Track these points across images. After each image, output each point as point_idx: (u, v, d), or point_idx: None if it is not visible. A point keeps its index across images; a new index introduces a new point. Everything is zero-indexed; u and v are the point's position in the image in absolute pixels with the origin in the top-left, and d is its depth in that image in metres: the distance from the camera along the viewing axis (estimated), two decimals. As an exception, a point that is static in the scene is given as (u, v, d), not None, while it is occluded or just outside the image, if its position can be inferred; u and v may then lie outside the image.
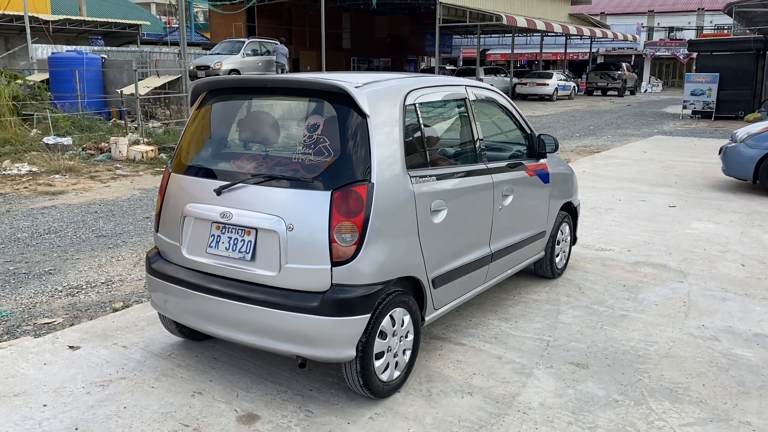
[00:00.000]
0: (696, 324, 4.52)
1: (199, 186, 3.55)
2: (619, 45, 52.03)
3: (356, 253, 3.16)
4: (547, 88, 32.73)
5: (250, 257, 3.31)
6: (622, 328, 4.44)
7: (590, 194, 9.04)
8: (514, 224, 4.57)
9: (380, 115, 3.36)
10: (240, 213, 3.34)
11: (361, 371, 3.26)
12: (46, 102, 16.76)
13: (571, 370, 3.82)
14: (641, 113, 25.56)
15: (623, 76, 37.52)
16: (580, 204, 5.86)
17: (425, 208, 3.54)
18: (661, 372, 3.80)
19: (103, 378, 3.67)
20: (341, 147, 3.25)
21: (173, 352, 4.00)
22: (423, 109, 3.75)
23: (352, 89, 3.25)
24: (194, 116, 3.84)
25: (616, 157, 13.06)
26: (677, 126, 20.22)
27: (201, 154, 3.74)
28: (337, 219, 3.15)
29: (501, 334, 4.31)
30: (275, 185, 3.30)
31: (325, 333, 3.14)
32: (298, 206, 3.22)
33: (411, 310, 3.52)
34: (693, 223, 7.44)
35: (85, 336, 4.24)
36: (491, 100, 4.57)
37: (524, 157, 4.84)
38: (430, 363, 3.88)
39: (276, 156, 3.53)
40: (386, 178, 3.29)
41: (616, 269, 5.73)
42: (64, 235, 7.04)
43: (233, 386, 3.58)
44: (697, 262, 5.96)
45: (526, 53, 53.28)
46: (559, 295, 5.07)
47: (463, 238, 3.95)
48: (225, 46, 22.76)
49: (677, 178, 10.48)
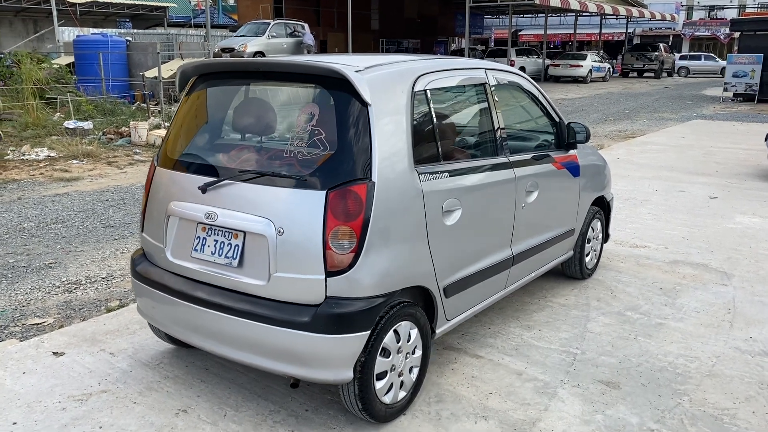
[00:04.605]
0: (743, 336, 4.05)
1: (184, 182, 3.19)
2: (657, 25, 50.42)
3: (354, 261, 2.77)
4: (580, 69, 31.78)
5: (237, 263, 2.95)
6: (659, 339, 3.99)
7: (624, 184, 8.51)
8: (539, 223, 4.14)
9: (384, 104, 2.95)
10: (226, 214, 2.98)
11: (360, 394, 2.88)
12: (70, 85, 16.65)
13: (601, 390, 3.40)
14: (679, 96, 24.59)
15: (660, 57, 36.24)
16: (614, 198, 5.37)
17: (436, 208, 3.13)
18: (704, 395, 3.36)
19: (82, 391, 3.36)
20: (339, 140, 2.86)
21: (162, 361, 3.68)
22: (435, 96, 3.33)
23: (351, 74, 2.84)
24: (182, 104, 3.47)
25: (652, 142, 12.42)
26: (717, 109, 19.33)
27: (188, 146, 3.38)
28: (332, 223, 2.76)
29: (523, 345, 3.90)
30: (264, 183, 2.92)
31: (317, 352, 2.77)
32: (289, 207, 2.83)
33: (419, 324, 3.13)
34: (736, 217, 6.88)
35: (72, 340, 3.94)
36: (515, 84, 4.11)
37: (552, 148, 4.38)
38: (442, 379, 3.49)
39: (268, 149, 3.15)
40: (390, 175, 2.89)
41: (652, 269, 5.25)
42: (71, 224, 6.79)
43: (222, 404, 3.24)
44: (742, 261, 5.45)
45: (560, 34, 51.99)
46: (589, 299, 4.63)
47: (480, 240, 3.54)
48: (250, 28, 22.41)
49: (718, 167, 9.85)
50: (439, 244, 3.16)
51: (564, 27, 49.84)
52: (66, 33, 22.49)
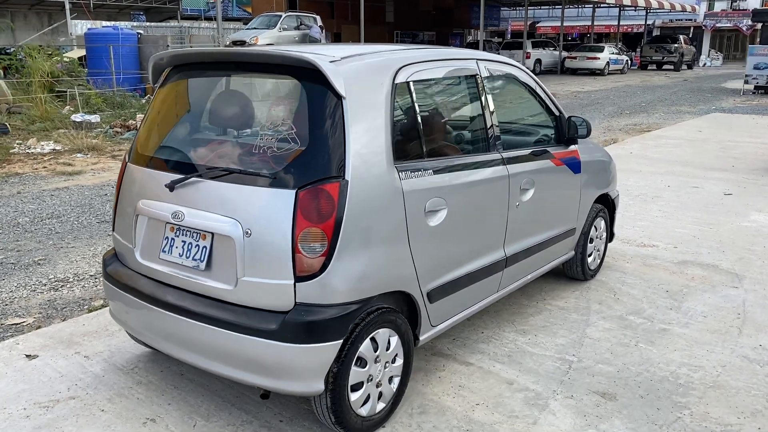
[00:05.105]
0: (752, 343, 3.81)
1: (153, 180, 3.02)
2: (677, 16, 49.50)
3: (325, 265, 2.59)
4: (597, 62, 31.29)
5: (205, 266, 2.78)
6: (661, 346, 3.76)
7: (636, 179, 8.24)
8: (536, 222, 3.92)
9: (361, 96, 2.75)
10: (193, 213, 2.81)
11: (333, 407, 2.70)
12: (81, 78, 16.61)
13: (595, 402, 3.19)
14: (698, 89, 24.06)
15: (680, 49, 35.54)
16: (619, 195, 5.13)
17: (418, 208, 2.93)
18: (706, 408, 3.14)
19: (50, 397, 3.21)
20: (310, 136, 2.67)
21: (137, 366, 3.53)
22: (419, 88, 3.12)
23: (325, 65, 2.65)
24: (156, 96, 3.31)
25: (668, 136, 12.08)
26: (737, 102, 18.85)
27: (159, 141, 3.20)
28: (302, 224, 2.58)
29: (516, 352, 3.69)
30: (232, 181, 2.74)
31: (285, 362, 2.59)
32: (257, 208, 2.66)
33: (400, 331, 2.94)
34: (751, 215, 6.59)
35: (48, 342, 3.81)
36: (510, 76, 3.89)
37: (551, 144, 4.16)
38: (427, 388, 3.30)
39: (241, 145, 2.97)
40: (365, 173, 2.69)
41: (659, 270, 5.01)
42: (66, 220, 6.68)
43: (193, 412, 3.08)
44: (755, 262, 5.19)
45: (578, 26, 51.24)
46: (590, 302, 4.41)
47: (469, 241, 3.33)
48: (262, 21, 22.27)
49: (735, 161, 9.52)
50: (421, 246, 2.96)
51: (582, 19, 49.11)
52: (79, 26, 22.51)
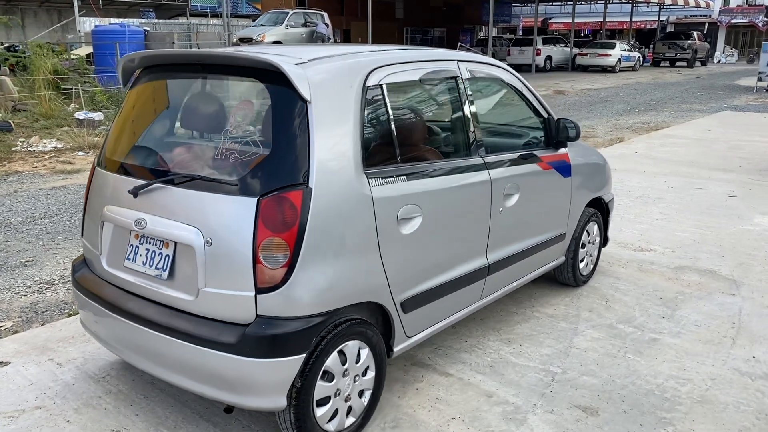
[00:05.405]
0: (745, 355, 3.67)
1: (118, 185, 2.94)
2: (692, 12, 48.95)
3: (287, 276, 2.49)
4: (609, 59, 30.98)
5: (168, 275, 2.70)
6: (650, 357, 3.64)
7: (639, 180, 8.08)
8: (522, 228, 3.80)
9: (328, 100, 2.65)
10: (156, 221, 2.72)
11: (297, 423, 2.61)
12: (88, 76, 16.63)
13: (576, 417, 3.07)
14: (711, 86, 23.73)
15: (693, 45, 35.13)
16: (614, 198, 4.99)
17: (389, 216, 2.82)
18: (692, 425, 3.01)
19: (16, 407, 3.14)
20: (273, 141, 2.57)
21: (109, 374, 3.45)
22: (394, 91, 3.01)
23: (288, 67, 2.55)
24: (126, 99, 3.22)
25: (675, 135, 11.87)
26: (750, 100, 18.55)
27: (126, 146, 3.12)
28: (263, 234, 2.48)
29: (498, 362, 3.58)
30: (195, 188, 2.65)
31: (245, 377, 2.50)
32: (217, 216, 2.56)
33: (371, 342, 2.84)
34: (755, 218, 6.42)
35: (23, 348, 3.74)
36: (494, 78, 3.77)
37: (539, 147, 4.04)
38: (403, 401, 3.19)
39: (206, 150, 2.88)
40: (331, 180, 2.59)
41: (655, 276, 4.87)
42: (59, 220, 6.64)
43: (160, 424, 3.00)
44: (756, 268, 5.03)
45: (590, 22, 50.83)
46: (580, 309, 4.28)
47: (447, 249, 3.22)
48: (269, 18, 22.19)
49: (743, 162, 9.32)
50: (393, 255, 2.86)
51: (594, 15, 48.69)
52: (87, 23, 22.53)
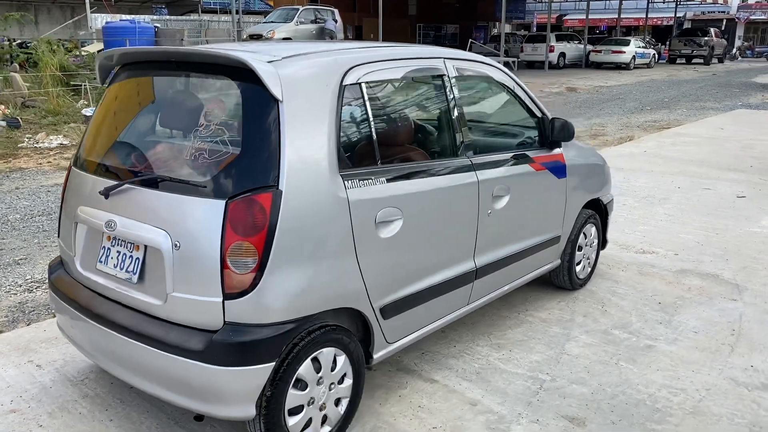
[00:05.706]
0: (743, 364, 3.55)
1: (91, 186, 2.87)
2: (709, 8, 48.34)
3: (256, 282, 2.41)
4: (623, 56, 30.61)
5: (137, 278, 2.63)
6: (643, 365, 3.52)
7: (646, 179, 7.92)
8: (513, 231, 3.70)
9: (302, 99, 2.56)
10: (126, 223, 2.65)
11: (267, 432, 2.53)
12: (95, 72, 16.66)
13: (562, 427, 2.97)
14: (726, 83, 23.37)
15: (710, 42, 34.60)
16: (613, 200, 4.86)
17: (367, 219, 2.73)
18: (682, 438, 2.90)
19: (-9, 410, 3.10)
20: (243, 142, 2.49)
21: (88, 377, 3.39)
22: (374, 91, 2.92)
23: (259, 65, 2.46)
24: (104, 97, 3.16)
25: (686, 134, 11.66)
26: (766, 98, 18.22)
27: (101, 145, 3.05)
28: (231, 238, 2.40)
29: (486, 368, 3.48)
30: (164, 189, 2.58)
31: (212, 385, 2.42)
32: (186, 218, 2.49)
33: (348, 349, 2.75)
34: (763, 220, 6.26)
35: (4, 349, 3.70)
36: (484, 76, 3.65)
37: (532, 147, 3.92)
38: (385, 408, 3.11)
39: (179, 150, 2.80)
40: (303, 182, 2.51)
41: (655, 279, 4.74)
42: (56, 217, 6.60)
43: (134, 430, 2.93)
44: (760, 272, 4.88)
45: (606, 18, 50.26)
46: (575, 314, 4.17)
47: (431, 253, 3.12)
48: (279, 14, 22.15)
49: (754, 161, 9.12)
50: (371, 259, 2.77)
51: (609, 11, 48.18)
52: (99, 20, 22.61)
